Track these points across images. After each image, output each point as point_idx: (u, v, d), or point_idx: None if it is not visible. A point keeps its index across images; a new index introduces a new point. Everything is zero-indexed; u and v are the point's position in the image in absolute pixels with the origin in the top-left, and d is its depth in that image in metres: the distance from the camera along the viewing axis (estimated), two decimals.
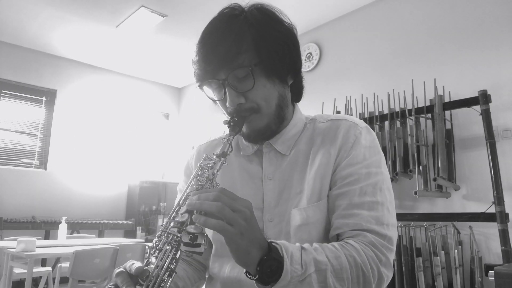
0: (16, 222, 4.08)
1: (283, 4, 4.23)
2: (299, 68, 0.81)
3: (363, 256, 0.65)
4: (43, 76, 4.91)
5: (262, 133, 0.77)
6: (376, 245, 0.67)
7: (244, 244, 0.57)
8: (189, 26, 4.22)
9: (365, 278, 0.64)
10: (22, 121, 4.75)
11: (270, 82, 0.74)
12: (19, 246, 2.66)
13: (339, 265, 0.63)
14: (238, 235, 0.57)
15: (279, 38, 0.74)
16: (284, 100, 0.78)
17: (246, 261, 0.59)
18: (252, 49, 0.72)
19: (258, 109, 0.74)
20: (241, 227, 0.57)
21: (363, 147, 0.75)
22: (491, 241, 2.57)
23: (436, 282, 2.45)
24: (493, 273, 1.20)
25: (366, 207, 0.70)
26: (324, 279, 0.62)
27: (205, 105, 5.70)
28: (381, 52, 3.52)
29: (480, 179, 2.69)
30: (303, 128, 0.83)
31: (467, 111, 2.70)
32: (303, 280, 0.60)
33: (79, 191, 4.94)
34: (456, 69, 2.97)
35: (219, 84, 0.73)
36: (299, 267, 0.60)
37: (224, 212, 0.56)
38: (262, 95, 0.73)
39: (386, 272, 0.68)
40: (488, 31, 2.85)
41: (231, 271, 0.77)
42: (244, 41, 0.71)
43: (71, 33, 4.45)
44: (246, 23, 0.73)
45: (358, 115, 3.21)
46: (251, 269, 0.60)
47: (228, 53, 0.70)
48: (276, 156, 0.81)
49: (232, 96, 0.72)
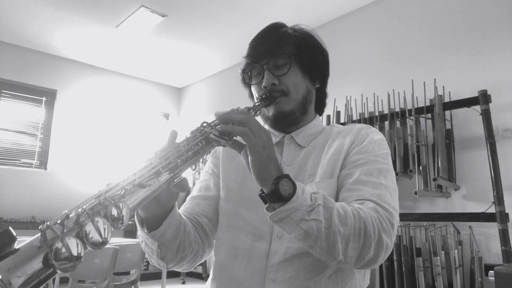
0: (16, 222, 4.08)
1: (283, 4, 4.20)
2: (326, 78, 0.95)
3: (366, 214, 0.68)
4: (43, 76, 4.91)
5: (286, 117, 0.86)
6: (378, 211, 0.70)
7: (265, 156, 0.64)
8: (189, 26, 4.22)
9: (367, 232, 0.66)
10: (22, 121, 4.75)
11: (302, 74, 0.87)
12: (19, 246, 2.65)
13: (344, 212, 0.66)
14: (260, 146, 0.64)
15: (316, 47, 0.90)
16: (310, 95, 0.90)
17: (265, 173, 0.64)
18: (293, 44, 0.86)
19: (287, 92, 0.85)
20: (263, 141, 0.65)
21: (373, 142, 0.83)
22: (491, 241, 2.57)
23: (436, 282, 2.45)
24: (493, 273, 1.20)
25: (371, 185, 0.75)
26: (329, 216, 0.64)
27: (205, 105, 5.71)
28: (381, 52, 3.52)
29: (480, 179, 2.69)
30: (322, 130, 0.93)
31: (467, 111, 2.70)
32: (311, 211, 0.63)
33: (79, 191, 4.93)
34: (456, 69, 2.97)
35: (260, 68, 0.86)
36: (308, 198, 0.64)
37: (251, 123, 0.65)
38: (294, 81, 0.85)
39: (386, 239, 0.68)
40: (488, 31, 2.85)
41: (244, 241, 0.81)
42: (288, 40, 0.86)
43: (71, 33, 4.45)
44: (291, 30, 0.90)
45: (358, 115, 3.21)
46: (267, 185, 0.64)
47: (273, 45, 0.85)
48: (295, 147, 0.89)
49: (268, 77, 0.84)
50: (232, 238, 0.84)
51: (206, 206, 0.91)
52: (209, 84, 5.71)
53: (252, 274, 0.78)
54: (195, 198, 0.93)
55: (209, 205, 0.91)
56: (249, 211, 0.83)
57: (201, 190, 0.95)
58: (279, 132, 0.92)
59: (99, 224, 0.48)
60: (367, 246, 0.66)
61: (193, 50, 4.82)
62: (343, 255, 0.65)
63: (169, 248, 0.76)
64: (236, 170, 0.91)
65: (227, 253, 0.83)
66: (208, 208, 0.91)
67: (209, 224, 0.89)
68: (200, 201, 0.92)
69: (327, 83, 0.96)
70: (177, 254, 0.79)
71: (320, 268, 0.74)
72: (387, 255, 0.70)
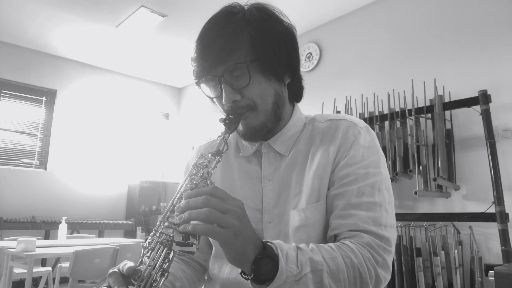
0: (16, 222, 4.08)
1: (283, 4, 4.22)
2: (297, 68, 0.80)
3: (359, 257, 0.64)
4: (43, 76, 4.91)
5: (258, 131, 0.76)
6: (373, 246, 0.66)
7: (238, 244, 0.56)
8: (189, 26, 4.22)
9: (362, 279, 0.64)
10: (22, 121, 4.75)
11: (266, 80, 0.74)
12: (19, 246, 2.65)
13: (336, 266, 0.62)
14: (232, 236, 0.55)
15: (276, 36, 0.74)
16: (281, 98, 0.78)
17: (241, 260, 0.58)
18: (248, 46, 0.71)
19: (254, 106, 0.73)
20: (234, 228, 0.55)
21: (361, 147, 0.74)
22: (491, 241, 2.57)
23: (436, 282, 2.45)
24: (493, 273, 1.20)
25: (364, 207, 0.69)
26: (320, 280, 0.61)
27: (205, 105, 5.70)
28: (381, 52, 3.52)
29: (480, 179, 2.69)
30: (302, 128, 0.82)
31: (467, 111, 2.70)
32: (299, 280, 0.59)
33: (79, 191, 4.94)
34: (456, 69, 2.97)
35: (215, 80, 0.73)
36: (294, 266, 0.59)
37: (214, 217, 0.54)
38: (258, 92, 0.73)
39: (384, 274, 0.67)
40: (488, 31, 2.85)
41: (230, 273, 0.76)
42: (241, 38, 0.71)
43: (71, 33, 4.45)
44: (244, 21, 0.73)
45: (358, 115, 3.20)
46: (246, 268, 0.59)
47: (224, 49, 0.70)
48: (275, 156, 0.81)
49: (228, 93, 0.72)
50: (219, 269, 0.80)
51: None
52: None
53: None
54: None
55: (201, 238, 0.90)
56: None
57: None
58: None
59: None
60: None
61: (192, 48, 4.81)
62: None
63: None
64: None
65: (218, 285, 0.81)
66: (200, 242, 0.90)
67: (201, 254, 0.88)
68: None
69: (299, 69, 0.82)
70: None
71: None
72: (385, 284, 0.69)
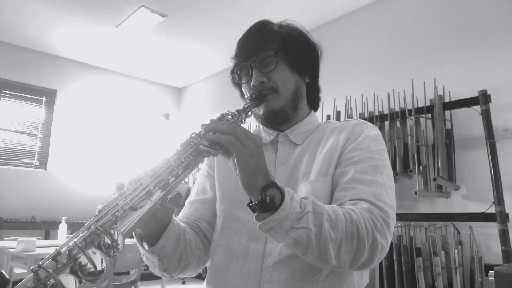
0: (16, 222, 4.08)
1: (284, 4, 4.19)
2: (317, 73, 0.93)
3: (359, 215, 0.66)
4: (43, 76, 4.91)
5: (277, 114, 0.86)
6: (372, 212, 0.69)
7: (252, 166, 0.63)
8: (189, 26, 4.22)
9: (359, 235, 0.65)
10: (22, 121, 4.75)
11: (290, 70, 0.86)
12: (19, 246, 2.65)
13: (335, 216, 0.65)
14: (248, 155, 0.62)
15: (302, 41, 0.89)
16: (300, 90, 0.89)
17: (252, 184, 0.63)
18: (279, 41, 0.86)
19: (276, 89, 0.84)
20: (251, 150, 0.63)
21: (368, 138, 0.82)
22: (491, 241, 2.56)
23: (436, 282, 2.45)
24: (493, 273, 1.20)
25: (366, 183, 0.74)
26: (320, 223, 0.63)
27: (205, 105, 5.71)
28: (381, 52, 3.52)
29: (480, 179, 2.69)
30: (316, 127, 0.92)
31: (467, 111, 2.70)
32: (300, 219, 0.63)
33: (79, 191, 4.94)
34: (456, 69, 2.97)
35: (248, 67, 0.86)
36: (297, 205, 0.63)
37: (238, 133, 0.63)
38: (282, 77, 0.85)
39: (381, 240, 0.67)
40: (488, 31, 2.85)
41: (239, 242, 0.81)
42: (274, 36, 0.86)
43: (71, 33, 4.45)
44: (277, 26, 0.89)
45: (358, 115, 3.21)
46: (254, 194, 0.63)
47: (259, 42, 0.85)
48: (290, 145, 0.89)
49: (256, 75, 0.84)
50: (227, 239, 0.83)
51: (204, 210, 0.91)
52: (209, 84, 5.71)
53: (248, 275, 0.77)
54: (193, 202, 0.93)
55: (208, 209, 0.91)
56: (244, 212, 0.81)
57: (198, 193, 0.94)
58: (273, 130, 0.91)
59: (92, 255, 0.47)
60: (361, 249, 0.65)
61: (193, 50, 4.82)
62: (336, 260, 0.64)
63: (170, 260, 0.77)
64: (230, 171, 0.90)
65: (223, 255, 0.82)
66: (207, 212, 0.90)
67: (209, 228, 0.89)
68: (198, 206, 0.92)
69: (318, 78, 0.94)
70: (179, 264, 0.79)
71: (316, 268, 0.74)
72: (383, 255, 0.69)
